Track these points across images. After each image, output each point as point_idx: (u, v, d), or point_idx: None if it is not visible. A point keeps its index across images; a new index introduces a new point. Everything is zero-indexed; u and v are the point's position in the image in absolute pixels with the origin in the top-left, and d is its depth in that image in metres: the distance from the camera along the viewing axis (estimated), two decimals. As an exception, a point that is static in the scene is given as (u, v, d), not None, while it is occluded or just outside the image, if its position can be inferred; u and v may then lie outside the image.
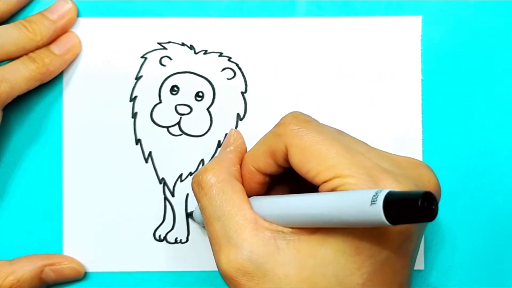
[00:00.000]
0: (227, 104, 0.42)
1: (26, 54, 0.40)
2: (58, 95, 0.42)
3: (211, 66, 0.42)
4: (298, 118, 0.34)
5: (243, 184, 0.36)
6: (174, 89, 0.42)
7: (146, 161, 0.42)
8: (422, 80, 0.42)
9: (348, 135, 0.35)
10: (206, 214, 0.35)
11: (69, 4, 0.42)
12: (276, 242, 0.32)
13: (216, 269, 0.42)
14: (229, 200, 0.34)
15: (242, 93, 0.42)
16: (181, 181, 0.42)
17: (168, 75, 0.42)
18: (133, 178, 0.42)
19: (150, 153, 0.42)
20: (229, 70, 0.42)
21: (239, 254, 0.32)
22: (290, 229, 0.33)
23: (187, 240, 0.42)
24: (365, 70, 0.42)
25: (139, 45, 0.43)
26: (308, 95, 0.42)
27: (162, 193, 0.42)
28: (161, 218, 0.42)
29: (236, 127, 0.42)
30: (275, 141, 0.34)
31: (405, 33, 0.42)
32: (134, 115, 0.42)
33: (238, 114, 0.42)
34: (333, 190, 0.31)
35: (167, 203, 0.42)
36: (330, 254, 0.31)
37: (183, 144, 0.42)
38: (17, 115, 0.42)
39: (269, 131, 0.35)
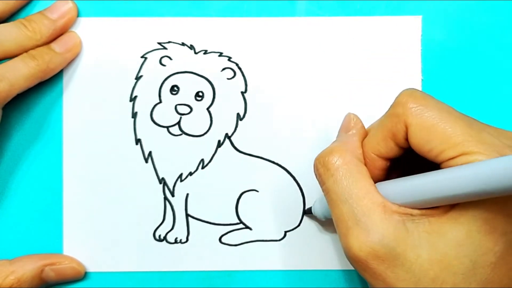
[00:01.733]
0: (227, 104, 0.42)
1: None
2: (58, 95, 0.42)
3: (211, 66, 0.42)
4: (414, 96, 0.33)
5: None
6: (174, 89, 0.42)
7: (146, 161, 0.42)
8: (422, 80, 0.42)
9: (462, 112, 0.34)
10: (332, 196, 0.34)
11: (69, 4, 0.42)
12: (405, 225, 0.32)
13: (216, 269, 0.42)
14: (357, 183, 0.33)
15: (242, 93, 0.42)
16: (181, 181, 0.42)
17: (168, 75, 0.42)
18: (133, 178, 0.42)
19: (150, 153, 0.42)
20: (229, 70, 0.42)
21: (369, 237, 0.32)
22: (419, 212, 0.32)
23: (187, 240, 0.42)
24: (365, 70, 0.42)
25: (139, 45, 0.43)
26: (308, 95, 0.42)
27: (162, 193, 0.42)
28: (161, 218, 0.42)
29: (236, 127, 0.42)
30: (394, 123, 0.33)
31: (405, 33, 0.42)
32: (134, 115, 0.42)
33: (238, 114, 0.42)
34: None
35: (167, 203, 0.42)
36: (462, 234, 0.31)
37: (183, 144, 0.42)
38: (17, 115, 0.42)
39: (384, 114, 0.35)
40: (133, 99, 0.42)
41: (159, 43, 0.43)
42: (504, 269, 0.31)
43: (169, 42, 0.43)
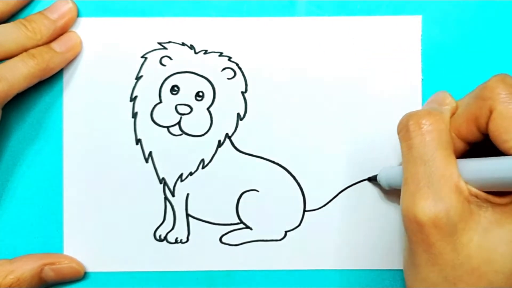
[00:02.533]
0: (227, 103, 0.42)
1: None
2: (58, 95, 0.42)
3: (211, 66, 0.42)
4: (505, 82, 0.33)
5: None
6: (174, 89, 0.42)
7: (147, 161, 0.42)
8: (422, 80, 0.42)
9: None
10: (414, 153, 0.34)
11: (69, 4, 0.42)
12: (470, 207, 0.32)
13: (216, 269, 0.42)
14: (443, 151, 0.33)
15: (242, 92, 0.42)
16: (181, 181, 0.42)
17: (168, 75, 0.42)
18: (133, 178, 0.42)
19: (150, 153, 0.42)
20: (229, 70, 0.42)
21: (438, 203, 0.32)
22: (485, 196, 0.32)
23: (187, 240, 0.42)
24: (365, 70, 0.42)
25: (139, 45, 0.43)
26: (308, 94, 0.42)
27: (162, 193, 0.42)
28: (161, 218, 0.42)
29: (236, 126, 0.42)
30: (479, 106, 0.33)
31: (405, 32, 0.42)
32: (134, 115, 0.42)
33: (238, 114, 0.42)
34: None
35: (167, 203, 0.42)
36: None
37: (183, 144, 0.42)
38: (17, 114, 0.42)
39: (469, 95, 0.35)
40: (133, 99, 0.42)
41: (159, 43, 0.43)
42: None
43: (169, 42, 0.43)
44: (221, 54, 0.43)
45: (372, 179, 0.42)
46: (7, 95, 0.39)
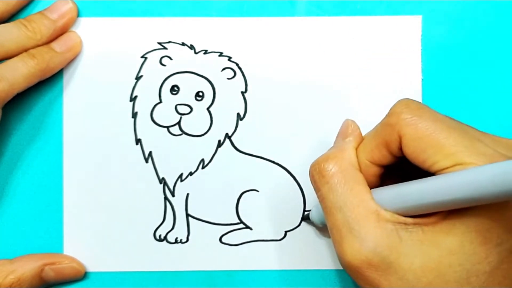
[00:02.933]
0: (227, 103, 0.42)
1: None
2: (59, 95, 0.42)
3: (211, 66, 0.42)
4: (409, 106, 0.33)
5: None
6: (174, 89, 0.42)
7: (146, 161, 0.42)
8: (422, 80, 0.42)
9: (459, 121, 0.34)
10: (327, 203, 0.34)
11: (69, 4, 0.42)
12: (398, 234, 0.32)
13: (216, 269, 0.42)
14: (351, 190, 0.34)
15: (242, 92, 0.42)
16: (181, 181, 0.42)
17: (168, 75, 0.42)
18: (133, 178, 0.42)
19: (150, 153, 0.42)
20: (229, 70, 0.42)
21: (363, 246, 0.32)
22: (412, 220, 0.32)
23: (187, 240, 0.42)
24: (365, 70, 0.42)
25: (139, 45, 0.43)
26: (308, 94, 0.42)
27: (162, 193, 0.42)
28: (161, 218, 0.42)
29: (236, 127, 0.42)
30: (388, 132, 0.34)
31: (405, 32, 0.42)
32: (134, 115, 0.42)
33: (238, 114, 0.42)
34: None
35: (167, 203, 0.42)
36: (456, 244, 0.31)
37: (183, 144, 0.42)
38: (17, 114, 0.42)
39: (380, 122, 0.35)
40: (133, 99, 0.42)
41: (159, 43, 0.43)
42: (500, 278, 0.31)
43: (169, 42, 0.43)
44: (221, 54, 0.43)
45: (306, 219, 0.42)
46: (7, 95, 0.39)
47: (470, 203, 0.30)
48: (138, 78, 0.43)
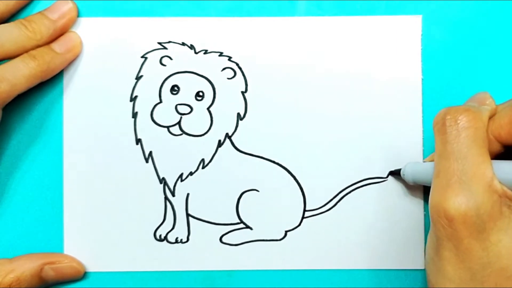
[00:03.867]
0: (228, 103, 0.42)
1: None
2: (59, 95, 0.42)
3: (212, 66, 0.42)
4: None
5: None
6: (175, 89, 0.42)
7: (147, 161, 0.42)
8: (422, 79, 0.42)
9: None
10: (448, 148, 0.34)
11: (69, 4, 0.42)
12: (501, 208, 0.32)
13: (216, 269, 0.42)
14: (478, 149, 0.33)
15: (243, 92, 0.42)
16: (182, 180, 0.42)
17: (169, 74, 0.42)
18: (134, 178, 0.42)
19: (150, 153, 0.42)
20: (229, 69, 0.42)
21: (469, 200, 0.32)
22: None
23: (188, 240, 0.42)
24: (365, 70, 0.42)
25: (140, 45, 0.43)
26: (308, 94, 0.42)
27: (162, 193, 0.42)
28: (161, 218, 0.42)
29: (236, 126, 0.42)
30: None
31: (405, 32, 0.42)
32: (134, 115, 0.42)
33: (238, 114, 0.42)
34: None
35: (168, 203, 0.42)
36: None
37: (183, 144, 0.42)
38: (17, 114, 0.42)
39: None
40: (133, 99, 0.42)
41: (159, 43, 0.43)
42: None
43: (169, 42, 0.43)
44: (221, 54, 0.43)
45: (395, 173, 0.42)
46: (9, 95, 0.39)
47: None
48: (138, 78, 0.42)
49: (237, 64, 0.43)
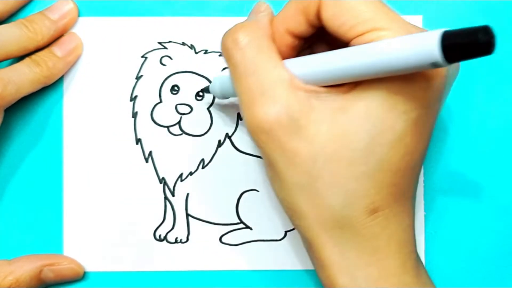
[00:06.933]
0: (228, 103, 0.42)
1: (26, 53, 0.40)
2: (59, 95, 0.42)
3: (212, 66, 0.42)
4: None
5: None
6: (175, 89, 0.42)
7: (147, 161, 0.42)
8: (422, 80, 0.42)
9: None
10: (240, 69, 0.34)
11: (70, 4, 0.42)
12: (310, 101, 0.32)
13: (216, 269, 0.42)
14: (266, 56, 0.33)
15: (243, 92, 0.42)
16: (182, 180, 0.42)
17: (169, 74, 0.42)
18: (133, 177, 0.42)
19: (150, 153, 0.42)
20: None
21: (275, 106, 0.32)
22: (324, 89, 0.32)
23: (187, 240, 0.42)
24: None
25: (140, 44, 0.43)
26: (308, 94, 0.42)
27: (162, 193, 0.42)
28: (161, 217, 0.42)
29: (236, 126, 0.42)
30: None
31: (405, 32, 0.42)
32: (134, 115, 0.42)
33: (238, 114, 0.42)
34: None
35: (167, 203, 0.42)
36: (363, 109, 0.31)
37: (183, 144, 0.42)
38: (18, 115, 0.42)
39: None
40: (133, 99, 0.42)
41: (160, 43, 0.43)
42: (402, 151, 0.32)
43: (169, 41, 0.43)
44: (221, 54, 0.43)
45: (205, 91, 0.41)
46: (14, 98, 0.39)
47: (382, 74, 0.30)
48: (138, 78, 0.43)
49: (237, 64, 0.42)
